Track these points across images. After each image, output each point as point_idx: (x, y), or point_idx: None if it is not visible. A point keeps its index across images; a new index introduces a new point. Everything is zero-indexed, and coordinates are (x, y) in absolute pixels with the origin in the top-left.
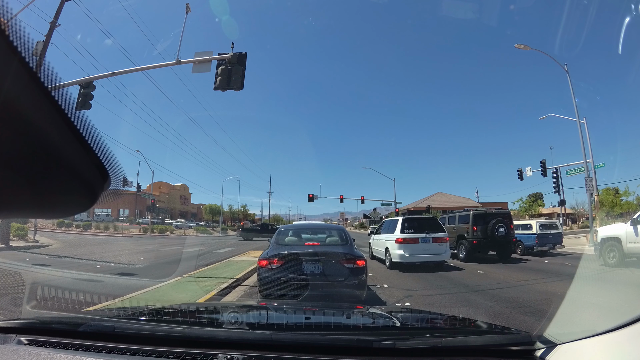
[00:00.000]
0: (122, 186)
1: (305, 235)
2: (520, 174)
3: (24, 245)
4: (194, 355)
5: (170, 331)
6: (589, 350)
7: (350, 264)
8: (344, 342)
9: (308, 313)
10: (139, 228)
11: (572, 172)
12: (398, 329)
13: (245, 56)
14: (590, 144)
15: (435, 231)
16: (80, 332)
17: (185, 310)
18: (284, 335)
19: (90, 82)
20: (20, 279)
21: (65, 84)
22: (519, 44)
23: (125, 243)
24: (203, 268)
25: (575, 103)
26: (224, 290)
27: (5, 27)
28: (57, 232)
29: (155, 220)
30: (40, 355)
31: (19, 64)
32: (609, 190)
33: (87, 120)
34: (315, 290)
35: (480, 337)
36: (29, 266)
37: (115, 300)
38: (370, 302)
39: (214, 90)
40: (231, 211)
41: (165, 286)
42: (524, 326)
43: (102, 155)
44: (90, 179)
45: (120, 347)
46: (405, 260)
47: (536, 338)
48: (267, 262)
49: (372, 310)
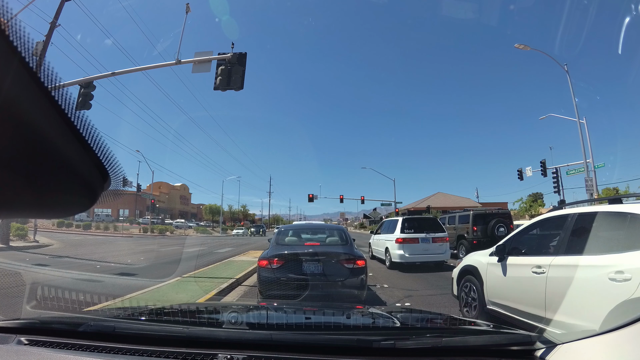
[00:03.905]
0: (122, 186)
1: (305, 236)
2: (520, 174)
3: (24, 245)
4: (194, 355)
5: (170, 331)
6: (589, 350)
7: (350, 264)
8: (344, 342)
9: (308, 313)
10: (139, 228)
11: (572, 172)
12: (398, 329)
13: (245, 56)
14: (590, 144)
15: (435, 231)
16: (80, 332)
17: (185, 310)
18: (284, 335)
19: (90, 82)
20: (20, 279)
21: (65, 84)
22: (519, 44)
23: (125, 243)
24: (203, 268)
25: (575, 103)
26: (224, 290)
27: (5, 27)
28: (57, 232)
29: (155, 221)
30: (40, 355)
31: (19, 64)
32: (609, 190)
33: (87, 120)
34: (315, 290)
35: (480, 337)
36: (29, 266)
37: (115, 300)
38: (370, 302)
39: (214, 90)
40: (231, 211)
41: (165, 286)
42: (524, 326)
43: (102, 155)
44: (90, 179)
45: (120, 347)
46: (405, 260)
47: (536, 338)
48: (267, 262)
49: (372, 310)
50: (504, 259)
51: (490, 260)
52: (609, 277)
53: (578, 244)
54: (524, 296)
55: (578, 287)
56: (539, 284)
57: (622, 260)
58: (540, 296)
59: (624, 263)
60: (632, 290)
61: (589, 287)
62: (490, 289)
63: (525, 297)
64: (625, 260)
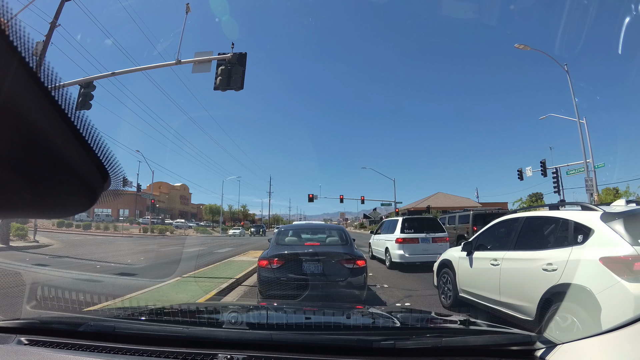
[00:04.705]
0: (122, 186)
1: (305, 235)
2: (520, 174)
3: (24, 245)
4: (194, 355)
5: (170, 331)
6: (589, 350)
7: (350, 264)
8: (344, 342)
9: (308, 313)
10: (139, 228)
11: (572, 172)
12: (398, 329)
13: (245, 56)
14: (590, 144)
15: (435, 231)
16: (80, 332)
17: (185, 310)
18: (284, 335)
19: (90, 82)
20: (20, 279)
21: (65, 84)
22: (519, 44)
23: (125, 243)
24: (203, 268)
25: (575, 103)
26: (224, 290)
27: (5, 27)
28: (57, 232)
29: (155, 221)
30: (40, 355)
31: (19, 64)
32: (609, 190)
33: (87, 120)
34: (315, 290)
35: (480, 337)
36: (29, 266)
37: (115, 300)
38: (370, 302)
39: (214, 90)
40: (231, 211)
41: (165, 286)
42: (524, 326)
43: (102, 155)
44: (90, 179)
45: (120, 347)
46: (405, 260)
47: (536, 338)
48: (267, 262)
49: (372, 310)
50: (471, 253)
51: (461, 255)
52: (542, 268)
53: (523, 241)
54: (484, 284)
55: (521, 276)
56: (495, 273)
57: (551, 254)
58: (495, 283)
59: (552, 257)
60: (557, 278)
61: (528, 276)
62: (461, 279)
63: (485, 285)
64: (553, 254)
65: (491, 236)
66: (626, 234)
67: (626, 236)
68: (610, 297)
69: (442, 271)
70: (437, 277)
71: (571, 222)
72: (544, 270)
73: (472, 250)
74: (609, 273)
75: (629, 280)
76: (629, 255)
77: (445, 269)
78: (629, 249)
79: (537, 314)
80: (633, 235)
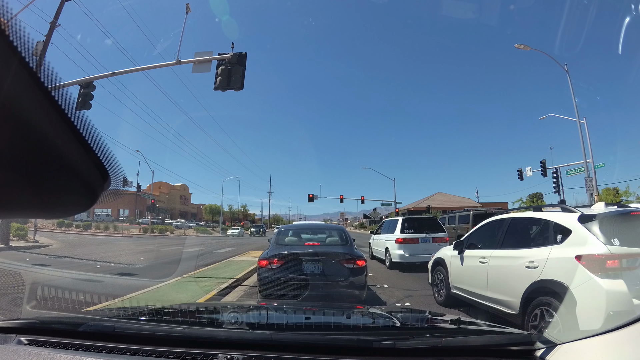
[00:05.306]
0: (122, 186)
1: (305, 236)
2: (520, 174)
3: (24, 245)
4: (194, 355)
5: (170, 331)
6: (589, 350)
7: (350, 264)
8: (344, 342)
9: (308, 313)
10: (139, 228)
11: (572, 172)
12: (398, 329)
13: (245, 56)
14: (590, 144)
15: (435, 231)
16: (80, 332)
17: (185, 310)
18: (284, 335)
19: (90, 82)
20: (20, 279)
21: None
22: (518, 44)
23: (125, 243)
24: (203, 268)
25: (575, 103)
26: (224, 291)
27: (5, 27)
28: (57, 232)
29: (155, 221)
30: (40, 355)
31: (19, 64)
32: (609, 190)
33: (87, 120)
34: (315, 290)
35: (480, 337)
36: (29, 266)
37: (115, 300)
38: (370, 302)
39: (214, 90)
40: (231, 211)
41: (165, 286)
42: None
43: (102, 155)
44: (90, 179)
45: (120, 347)
46: (405, 260)
47: (536, 338)
48: (267, 262)
49: (372, 310)
50: (462, 252)
51: (453, 253)
52: (525, 265)
53: (509, 240)
54: (473, 281)
55: (506, 273)
56: (483, 270)
57: (533, 253)
58: (484, 279)
59: (534, 255)
60: (538, 274)
61: (512, 273)
62: (452, 276)
63: (474, 281)
64: (535, 253)
65: (481, 235)
66: (600, 234)
67: (600, 236)
68: (584, 291)
69: (435, 269)
70: (431, 275)
71: (552, 222)
72: (526, 267)
73: (463, 248)
74: (584, 270)
75: (602, 277)
76: (602, 253)
77: (438, 267)
78: (602, 248)
79: (521, 308)
80: (607, 235)
